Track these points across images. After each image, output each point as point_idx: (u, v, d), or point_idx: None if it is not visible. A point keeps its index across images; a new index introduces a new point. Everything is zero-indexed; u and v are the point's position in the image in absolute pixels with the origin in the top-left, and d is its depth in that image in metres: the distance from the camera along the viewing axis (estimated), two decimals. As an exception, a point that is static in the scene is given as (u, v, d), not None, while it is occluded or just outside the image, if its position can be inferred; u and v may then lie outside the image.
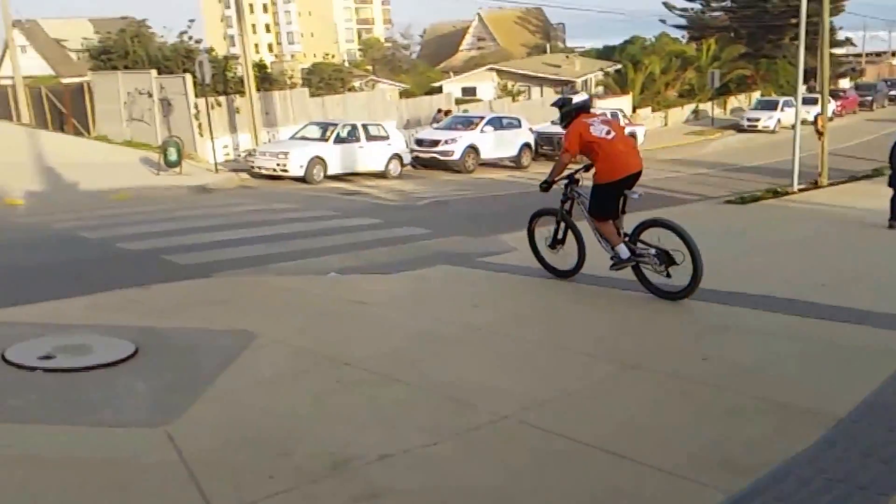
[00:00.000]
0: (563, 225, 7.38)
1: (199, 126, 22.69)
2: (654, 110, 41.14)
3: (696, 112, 43.23)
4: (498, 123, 24.73)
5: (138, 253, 9.54)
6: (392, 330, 6.08)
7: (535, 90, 43.29)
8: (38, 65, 49.29)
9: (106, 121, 24.91)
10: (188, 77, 22.99)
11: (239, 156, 23.74)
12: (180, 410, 4.21)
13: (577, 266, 7.38)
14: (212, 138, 21.68)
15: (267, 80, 26.33)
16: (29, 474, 3.55)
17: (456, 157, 22.75)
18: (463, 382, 4.74)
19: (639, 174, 6.84)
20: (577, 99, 7.14)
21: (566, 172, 7.23)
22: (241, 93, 23.76)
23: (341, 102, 27.46)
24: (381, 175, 21.25)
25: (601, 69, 46.68)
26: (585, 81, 44.98)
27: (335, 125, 21.45)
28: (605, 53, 51.62)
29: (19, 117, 26.96)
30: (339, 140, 20.64)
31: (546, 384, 4.73)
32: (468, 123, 24.47)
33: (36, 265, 8.99)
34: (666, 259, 6.54)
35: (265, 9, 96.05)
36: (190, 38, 28.27)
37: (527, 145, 24.92)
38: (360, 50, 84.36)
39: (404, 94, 35.87)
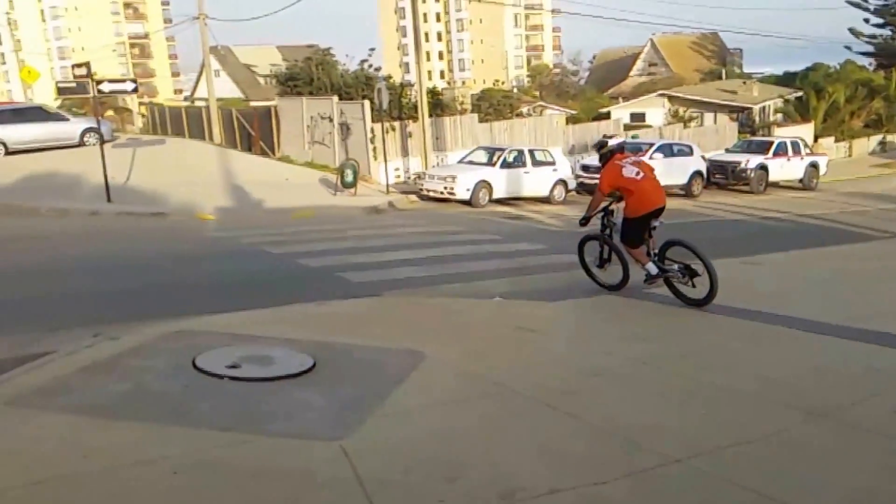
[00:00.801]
0: (606, 248, 8.50)
1: (374, 149, 23.64)
2: (837, 140, 38.90)
3: (883, 143, 40.49)
4: (668, 150, 24.06)
5: (316, 269, 10.00)
6: (558, 359, 6.06)
7: (709, 116, 41.91)
8: (229, 88, 53.29)
9: (289, 143, 26.59)
10: (366, 103, 24.07)
11: (409, 178, 24.50)
12: (355, 426, 4.37)
13: (624, 280, 8.43)
14: (385, 161, 22.54)
15: (439, 105, 27.07)
16: (209, 479, 3.76)
17: (623, 184, 22.29)
18: (630, 419, 4.64)
19: (662, 209, 7.90)
20: (612, 142, 8.28)
21: (602, 205, 8.26)
22: (415, 118, 24.52)
23: (508, 128, 27.74)
24: (546, 200, 21.22)
25: (780, 96, 44.57)
26: (763, 108, 43.08)
27: (502, 150, 21.61)
28: (786, 80, 49.24)
29: (212, 137, 29.19)
30: (505, 165, 20.81)
31: (720, 428, 4.54)
32: (636, 150, 23.93)
33: (225, 277, 9.65)
34: (689, 272, 7.57)
35: (439, 37, 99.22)
36: (370, 66, 29.81)
37: (698, 173, 24.12)
38: (528, 76, 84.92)
39: (571, 119, 35.66)
